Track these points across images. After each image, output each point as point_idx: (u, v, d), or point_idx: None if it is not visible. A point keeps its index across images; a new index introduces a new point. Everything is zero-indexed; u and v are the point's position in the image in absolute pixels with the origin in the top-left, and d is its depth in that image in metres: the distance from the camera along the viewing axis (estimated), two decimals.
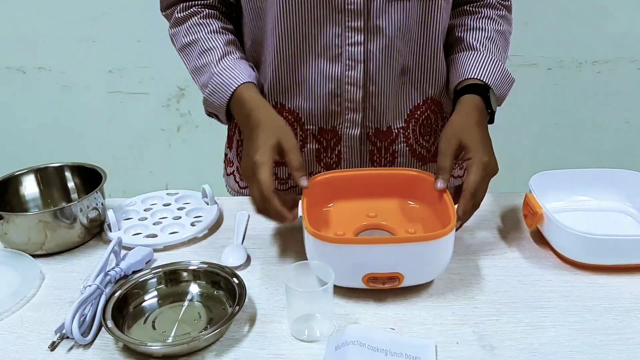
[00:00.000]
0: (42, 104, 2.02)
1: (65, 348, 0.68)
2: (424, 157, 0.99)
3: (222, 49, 0.90)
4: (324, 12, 0.84)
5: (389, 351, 0.65)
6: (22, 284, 0.79)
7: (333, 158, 0.96)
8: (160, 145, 2.07)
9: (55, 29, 1.90)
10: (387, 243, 0.72)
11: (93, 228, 0.90)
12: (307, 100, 0.92)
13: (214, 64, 0.89)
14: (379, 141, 0.95)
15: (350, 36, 0.86)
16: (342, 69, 0.88)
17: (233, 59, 0.89)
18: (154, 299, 0.75)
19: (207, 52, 0.90)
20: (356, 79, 0.88)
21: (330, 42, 0.86)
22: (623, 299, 0.73)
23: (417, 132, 0.96)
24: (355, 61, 0.87)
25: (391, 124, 0.94)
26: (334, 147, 0.95)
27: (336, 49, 0.87)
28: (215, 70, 0.88)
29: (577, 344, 0.66)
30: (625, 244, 0.77)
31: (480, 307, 0.73)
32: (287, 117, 0.94)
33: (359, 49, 0.86)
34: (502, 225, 0.90)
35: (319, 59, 0.88)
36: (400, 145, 0.96)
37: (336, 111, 0.92)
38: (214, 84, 0.88)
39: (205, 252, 0.87)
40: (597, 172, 0.92)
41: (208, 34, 0.91)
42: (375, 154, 0.96)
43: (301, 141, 0.95)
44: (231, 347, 0.68)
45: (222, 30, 0.93)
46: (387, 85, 0.90)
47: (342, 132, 0.93)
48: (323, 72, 0.89)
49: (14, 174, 0.94)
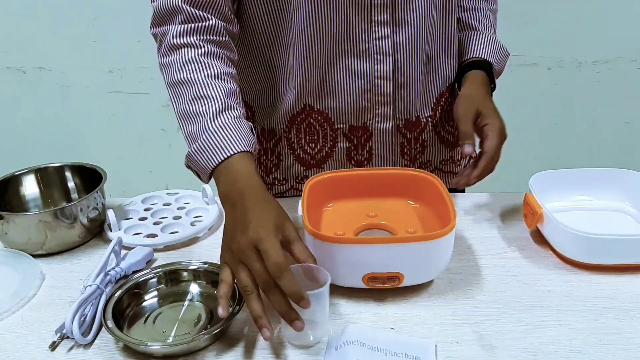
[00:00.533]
0: (43, 104, 2.03)
1: (65, 348, 0.68)
2: (451, 143, 1.01)
3: (221, 102, 0.76)
4: (350, 10, 0.85)
5: (389, 351, 0.65)
6: (23, 284, 0.79)
7: (364, 155, 0.97)
8: (161, 145, 2.07)
9: (55, 29, 1.91)
10: (387, 243, 0.72)
11: (93, 228, 0.90)
12: (336, 99, 0.92)
13: (208, 117, 0.75)
14: (409, 132, 0.96)
15: (377, 30, 0.87)
16: (370, 63, 0.89)
17: (232, 118, 0.76)
18: (154, 299, 0.75)
19: (203, 100, 0.76)
20: (385, 72, 0.89)
21: (357, 38, 0.87)
22: (623, 299, 0.73)
23: (443, 119, 0.98)
24: (383, 54, 0.88)
25: (419, 113, 0.96)
26: (365, 143, 0.96)
27: (363, 44, 0.88)
28: (210, 127, 0.75)
29: (577, 344, 0.66)
30: (625, 244, 0.77)
31: (480, 307, 0.73)
32: (316, 118, 0.94)
33: (386, 42, 0.87)
34: (502, 225, 0.90)
35: (348, 57, 0.89)
36: (429, 134, 0.98)
37: (367, 107, 0.92)
38: (204, 142, 0.74)
39: (205, 252, 0.87)
40: (597, 172, 0.92)
41: (207, 77, 0.78)
42: (405, 145, 0.97)
43: (331, 141, 0.96)
44: (231, 347, 0.67)
45: (223, 77, 0.79)
46: (415, 75, 0.91)
47: (374, 127, 0.94)
48: (352, 69, 0.89)
49: (14, 174, 0.94)
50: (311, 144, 0.97)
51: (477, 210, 0.94)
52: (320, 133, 0.96)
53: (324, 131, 0.95)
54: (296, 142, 0.98)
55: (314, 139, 0.97)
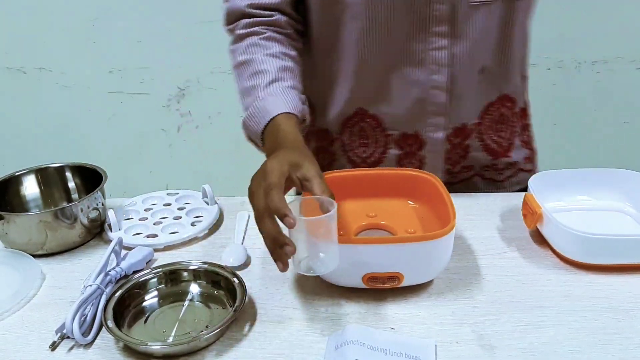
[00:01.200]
0: (43, 104, 2.03)
1: (65, 348, 0.68)
2: (495, 152, 1.00)
3: (273, 74, 0.84)
4: (409, 19, 0.85)
5: (389, 351, 0.65)
6: (23, 284, 0.79)
7: (415, 163, 0.97)
8: (161, 145, 2.07)
9: (55, 29, 1.91)
10: (387, 243, 0.72)
11: (93, 228, 0.90)
12: (391, 105, 0.93)
13: (261, 87, 0.83)
14: (455, 138, 0.96)
15: (435, 41, 0.87)
16: (426, 73, 0.89)
17: (282, 87, 0.83)
18: (154, 299, 0.75)
19: (258, 75, 0.84)
20: (441, 82, 0.89)
21: (415, 48, 0.87)
22: (622, 299, 0.73)
23: (491, 128, 0.98)
24: (440, 65, 0.88)
25: (466, 121, 0.95)
26: (416, 151, 0.96)
27: (421, 54, 0.88)
28: (260, 95, 0.82)
29: (576, 344, 0.67)
30: (625, 244, 0.77)
31: (480, 307, 0.73)
32: (369, 123, 0.95)
33: (443, 54, 0.87)
34: (502, 225, 0.90)
35: (404, 66, 0.89)
36: (473, 141, 0.97)
37: (420, 115, 0.93)
38: (255, 108, 0.81)
39: (206, 252, 0.87)
40: (597, 172, 0.92)
41: (264, 56, 0.86)
42: (450, 151, 0.97)
43: (382, 146, 0.97)
44: (231, 347, 0.68)
45: (280, 55, 0.87)
46: (469, 86, 0.91)
47: (426, 136, 0.94)
48: (408, 78, 0.90)
49: (15, 174, 0.94)
50: (362, 148, 0.98)
51: (477, 210, 0.94)
52: (372, 138, 0.97)
53: (376, 136, 0.96)
54: (348, 145, 0.99)
55: (365, 143, 0.97)
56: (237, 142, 2.24)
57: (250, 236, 0.90)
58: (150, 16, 1.88)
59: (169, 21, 1.88)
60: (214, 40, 1.87)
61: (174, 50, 1.92)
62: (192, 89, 1.99)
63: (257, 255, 0.85)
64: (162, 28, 1.89)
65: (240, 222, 0.92)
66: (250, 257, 0.84)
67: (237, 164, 2.06)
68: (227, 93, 1.98)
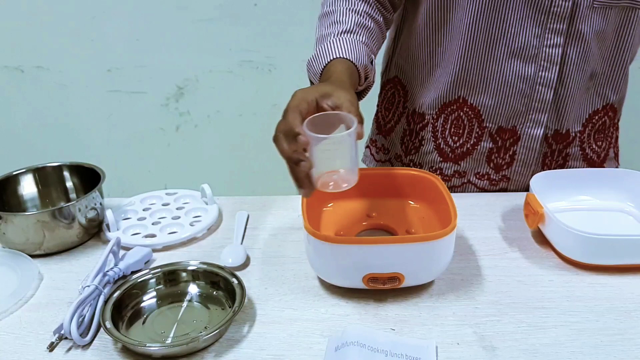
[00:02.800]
0: (41, 103, 2.02)
1: (63, 349, 0.68)
2: (593, 162, 1.00)
3: (349, 25, 0.85)
4: (527, 12, 0.85)
5: (390, 352, 0.64)
6: (21, 285, 0.78)
7: (506, 159, 0.97)
8: (159, 144, 2.07)
9: (53, 27, 1.90)
10: (387, 243, 0.72)
11: (92, 228, 0.89)
12: (492, 97, 0.92)
13: (333, 35, 0.84)
14: (555, 143, 0.96)
15: (550, 37, 0.86)
16: (536, 69, 0.89)
17: (353, 39, 0.83)
18: (152, 300, 0.75)
19: (335, 24, 0.86)
20: (550, 80, 0.89)
21: (528, 42, 0.87)
22: (624, 299, 0.73)
23: (591, 137, 0.97)
24: (551, 63, 0.88)
25: (570, 127, 0.95)
26: (509, 147, 0.95)
27: (533, 49, 0.87)
28: (330, 40, 0.83)
29: (578, 345, 0.66)
30: (627, 244, 0.77)
31: (481, 308, 0.72)
32: (467, 113, 0.94)
33: (556, 51, 0.87)
34: (503, 225, 0.90)
35: (513, 58, 0.89)
36: (574, 149, 0.97)
37: (522, 110, 0.92)
38: (320, 51, 0.83)
39: (205, 252, 0.86)
40: (598, 172, 0.92)
41: (347, 10, 0.87)
42: (548, 156, 0.97)
43: (475, 138, 0.96)
44: (230, 348, 0.67)
45: (362, 13, 0.88)
46: (576, 88, 0.91)
47: (522, 131, 0.94)
48: (516, 72, 0.89)
49: (12, 174, 0.93)
50: (454, 137, 0.97)
51: (478, 211, 0.94)
52: (467, 128, 0.96)
53: (471, 127, 0.95)
54: (440, 132, 0.98)
55: (458, 132, 0.97)
56: (236, 141, 2.25)
57: (250, 236, 0.89)
58: (149, 15, 1.87)
59: (168, 20, 1.87)
60: (213, 39, 1.88)
61: (172, 49, 1.91)
62: (191, 87, 1.98)
63: (257, 255, 0.84)
64: (160, 26, 1.89)
65: (239, 222, 0.92)
66: (250, 257, 0.84)
67: (236, 164, 2.06)
68: (226, 92, 1.98)
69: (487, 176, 0.98)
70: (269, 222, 0.93)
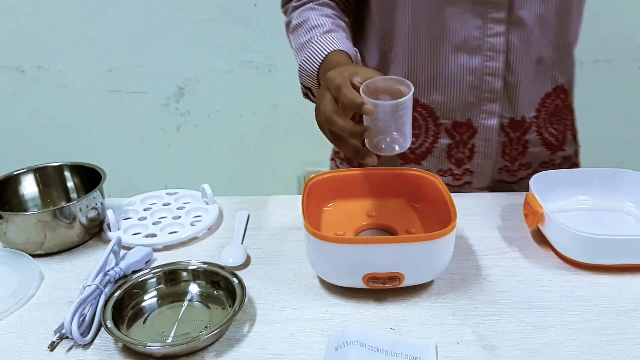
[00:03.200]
0: (41, 103, 2.02)
1: (64, 348, 0.68)
2: (553, 146, 1.00)
3: (329, 27, 0.89)
4: (465, 5, 0.86)
5: (389, 351, 0.65)
6: (21, 284, 0.78)
7: (466, 152, 0.97)
8: (160, 144, 2.07)
9: (54, 28, 1.90)
10: (387, 243, 0.72)
11: (92, 228, 0.90)
12: (443, 94, 0.92)
13: (317, 36, 0.87)
14: (512, 131, 0.96)
15: (492, 27, 0.87)
16: (482, 60, 0.89)
17: (337, 36, 0.88)
18: (153, 299, 0.75)
19: (314, 29, 0.89)
20: (496, 69, 0.89)
21: (470, 34, 0.88)
22: (624, 299, 0.73)
23: (547, 121, 0.98)
24: (496, 52, 0.88)
25: (524, 113, 0.95)
26: (468, 140, 0.96)
27: (476, 41, 0.88)
28: (316, 40, 0.87)
29: (578, 344, 0.66)
30: (626, 244, 0.77)
31: (481, 307, 0.73)
32: (420, 112, 0.95)
33: (500, 40, 0.88)
34: (503, 225, 0.90)
35: (458, 52, 0.89)
36: (532, 135, 0.97)
37: (474, 103, 0.93)
38: (311, 50, 0.86)
39: (205, 252, 0.86)
40: (598, 172, 0.92)
41: (319, 16, 0.91)
42: (507, 145, 0.97)
43: (433, 136, 0.96)
44: (231, 347, 0.67)
45: (333, 16, 0.92)
46: (525, 74, 0.91)
47: (478, 123, 0.94)
48: (462, 65, 0.89)
49: (13, 174, 0.94)
50: (413, 138, 0.97)
51: (478, 210, 0.94)
52: (423, 127, 0.96)
53: (427, 125, 0.95)
54: None
55: (415, 133, 0.97)
56: (236, 141, 2.25)
57: (250, 236, 0.89)
58: (149, 14, 1.87)
59: (168, 19, 1.87)
60: (213, 38, 1.88)
61: (172, 48, 1.92)
62: (191, 87, 1.98)
63: (257, 255, 0.84)
64: (160, 26, 1.89)
65: (239, 222, 0.92)
66: (250, 257, 0.84)
67: (236, 164, 2.07)
68: (226, 92, 1.98)
69: (449, 172, 0.99)
70: (269, 222, 0.93)
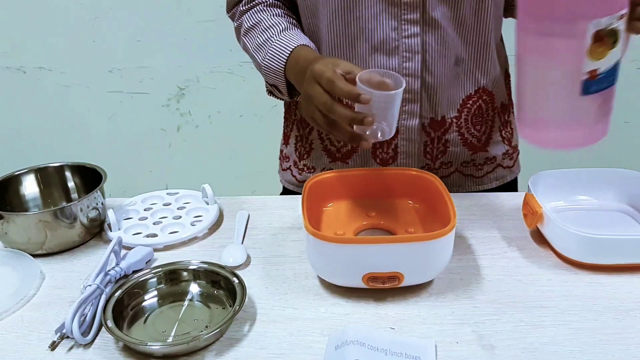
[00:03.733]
0: (43, 103, 2.02)
1: (65, 348, 0.68)
2: (474, 146, 1.00)
3: (284, 25, 0.90)
4: (380, 6, 0.86)
5: (389, 351, 0.65)
6: (22, 284, 0.79)
7: (389, 153, 0.97)
8: (160, 145, 2.07)
9: (55, 28, 1.90)
10: (387, 243, 0.72)
11: (93, 228, 0.90)
12: None
13: (275, 35, 0.89)
14: (433, 131, 0.96)
15: (407, 28, 0.87)
16: (399, 61, 0.89)
17: (295, 33, 0.89)
18: (154, 299, 0.75)
19: (270, 29, 0.90)
20: (414, 69, 0.90)
21: (387, 35, 0.88)
22: (623, 299, 0.73)
23: (469, 122, 0.98)
24: (412, 53, 0.89)
25: (445, 113, 0.95)
26: (391, 140, 0.96)
27: (393, 42, 0.88)
28: (275, 39, 0.88)
29: (577, 344, 0.66)
30: (625, 244, 0.77)
31: (480, 307, 0.73)
32: None
33: (415, 41, 0.88)
34: (502, 224, 0.90)
35: (376, 53, 0.89)
36: (452, 135, 0.97)
37: None
38: (273, 49, 0.87)
39: (205, 251, 0.87)
40: (597, 172, 0.92)
41: (271, 16, 0.93)
42: (428, 144, 0.97)
43: None
44: (231, 347, 0.68)
45: (285, 16, 0.94)
46: (442, 75, 0.91)
47: (400, 124, 0.94)
48: (381, 66, 0.90)
49: (14, 174, 0.94)
50: None
51: (477, 210, 0.94)
52: None
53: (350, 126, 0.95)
54: (325, 134, 0.99)
55: None
56: (237, 141, 2.25)
57: (250, 236, 0.89)
58: (150, 15, 1.88)
59: (169, 20, 1.88)
60: (214, 39, 1.88)
61: (173, 49, 1.92)
62: (192, 88, 1.98)
63: (257, 255, 0.85)
64: (161, 27, 1.89)
65: (240, 222, 0.92)
66: (250, 257, 0.84)
67: (237, 164, 2.07)
68: (227, 92, 1.98)
69: None
70: (269, 222, 0.93)
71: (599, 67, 0.66)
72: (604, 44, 0.65)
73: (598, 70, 0.66)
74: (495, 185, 1.04)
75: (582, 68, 0.66)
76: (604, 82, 0.67)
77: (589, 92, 0.67)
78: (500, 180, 1.04)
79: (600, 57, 0.66)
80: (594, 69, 0.66)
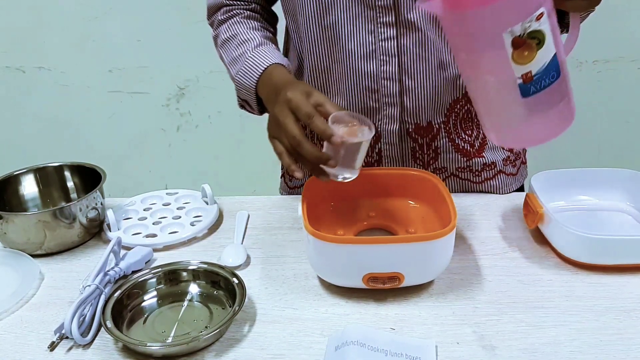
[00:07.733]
0: (42, 103, 2.02)
1: (64, 348, 0.68)
2: (467, 152, 0.98)
3: (259, 40, 0.91)
4: (355, 11, 0.86)
5: (389, 351, 0.65)
6: (22, 284, 0.78)
7: (374, 157, 0.97)
8: (160, 144, 2.07)
9: (55, 28, 1.90)
10: (387, 243, 0.72)
11: (92, 228, 0.90)
12: (344, 99, 0.93)
13: (249, 51, 0.89)
14: (420, 137, 0.95)
15: (383, 32, 0.87)
16: (377, 64, 0.89)
17: (269, 49, 0.90)
18: (153, 299, 0.75)
19: (244, 43, 0.91)
20: (391, 73, 0.89)
21: (363, 39, 0.88)
22: (624, 299, 0.73)
23: (458, 127, 0.97)
24: (389, 56, 0.88)
25: (431, 119, 0.94)
26: (374, 145, 0.96)
27: (370, 45, 0.88)
28: (249, 55, 0.89)
29: (577, 344, 0.66)
30: (626, 244, 0.77)
31: (481, 307, 0.73)
32: None
33: (391, 44, 0.88)
34: (503, 225, 0.90)
35: (354, 57, 0.89)
36: (442, 141, 0.96)
37: (375, 107, 0.93)
38: (246, 65, 0.88)
39: (205, 252, 0.86)
40: (598, 172, 0.92)
41: (247, 29, 0.93)
42: (417, 150, 0.97)
43: None
44: (231, 347, 0.67)
45: (261, 29, 0.95)
46: (424, 79, 0.91)
47: (382, 128, 0.94)
48: (359, 70, 0.90)
49: (13, 174, 0.94)
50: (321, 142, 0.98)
51: (478, 210, 0.94)
52: None
53: None
54: None
55: None
56: (236, 141, 2.25)
57: (250, 236, 0.89)
58: (150, 15, 1.87)
59: (169, 20, 1.88)
60: None
61: (173, 49, 1.92)
62: (192, 88, 1.98)
63: (257, 255, 0.84)
64: (161, 27, 1.89)
65: (239, 222, 0.92)
66: (250, 257, 0.84)
67: (236, 164, 2.07)
68: (226, 92, 1.98)
69: None
70: (269, 222, 0.93)
71: (531, 69, 0.64)
72: (527, 48, 0.63)
73: (531, 72, 0.65)
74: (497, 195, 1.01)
75: (513, 75, 0.65)
76: (542, 81, 0.66)
77: (529, 94, 0.66)
78: (504, 188, 1.01)
79: (528, 60, 0.64)
80: (525, 73, 0.65)
